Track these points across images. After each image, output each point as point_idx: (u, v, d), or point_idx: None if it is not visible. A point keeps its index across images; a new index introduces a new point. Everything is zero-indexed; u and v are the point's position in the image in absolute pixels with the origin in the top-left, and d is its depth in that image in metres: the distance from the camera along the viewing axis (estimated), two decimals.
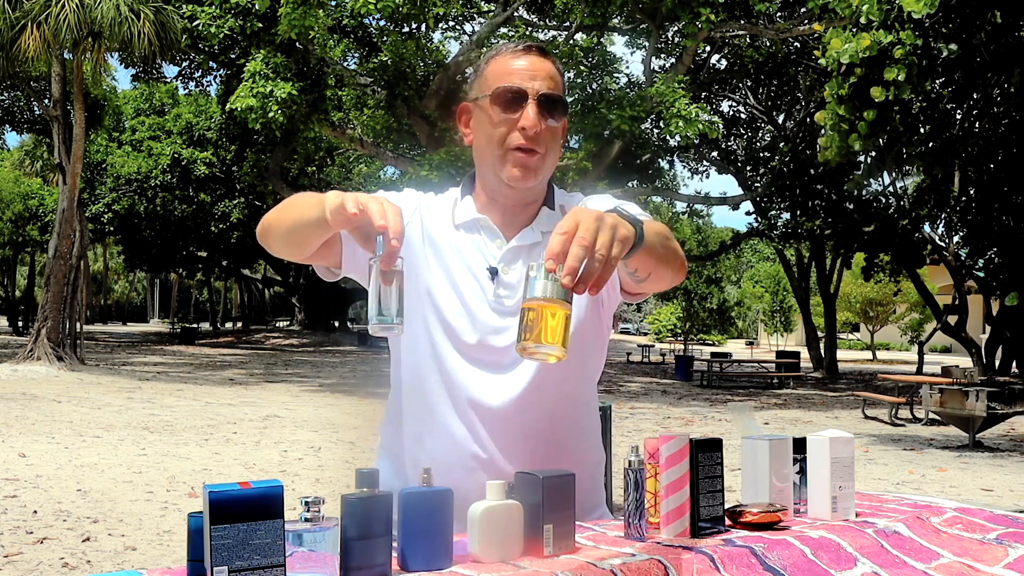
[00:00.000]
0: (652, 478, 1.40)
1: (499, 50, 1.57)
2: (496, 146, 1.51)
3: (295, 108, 15.60)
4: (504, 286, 1.54)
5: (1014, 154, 14.81)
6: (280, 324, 49.54)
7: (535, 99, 1.50)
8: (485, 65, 1.57)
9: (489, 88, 1.53)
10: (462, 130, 1.61)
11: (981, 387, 10.41)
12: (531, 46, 1.56)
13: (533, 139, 1.50)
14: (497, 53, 1.57)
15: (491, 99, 1.51)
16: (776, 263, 39.44)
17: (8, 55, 16.81)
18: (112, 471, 7.21)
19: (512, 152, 1.51)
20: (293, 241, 1.48)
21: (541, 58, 1.55)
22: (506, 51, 1.56)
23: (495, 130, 1.51)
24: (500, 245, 1.56)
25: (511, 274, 1.55)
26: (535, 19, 18.94)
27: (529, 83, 1.51)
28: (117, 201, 30.70)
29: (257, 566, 1.03)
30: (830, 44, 9.41)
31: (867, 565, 1.37)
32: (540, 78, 1.52)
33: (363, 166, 32.79)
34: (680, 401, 15.82)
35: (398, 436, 1.61)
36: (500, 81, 1.52)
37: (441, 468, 1.42)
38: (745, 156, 24.47)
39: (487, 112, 1.53)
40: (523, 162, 1.51)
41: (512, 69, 1.52)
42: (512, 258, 1.56)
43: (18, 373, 16.34)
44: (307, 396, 14.45)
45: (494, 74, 1.54)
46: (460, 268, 1.55)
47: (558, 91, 1.54)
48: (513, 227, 1.58)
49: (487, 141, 1.53)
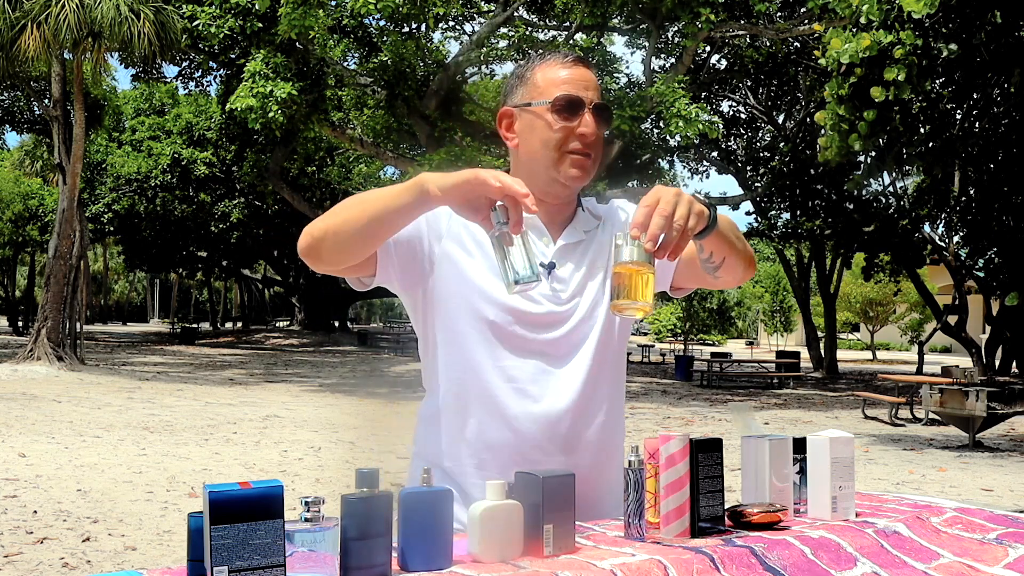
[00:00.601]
0: (652, 478, 1.40)
1: (545, 59, 1.66)
2: (554, 150, 1.60)
3: (295, 108, 15.60)
4: (558, 280, 1.62)
5: (1014, 154, 14.82)
6: (280, 324, 49.53)
7: (591, 108, 1.61)
8: (531, 73, 1.66)
9: (543, 95, 1.62)
10: (504, 134, 1.69)
11: (981, 387, 10.41)
12: (578, 57, 1.66)
13: (591, 144, 1.61)
14: (544, 62, 1.66)
15: (551, 106, 1.60)
16: (776, 263, 39.43)
17: (8, 55, 16.81)
18: (112, 471, 7.21)
19: (570, 155, 1.61)
20: (361, 241, 1.48)
21: (588, 69, 1.66)
22: (554, 61, 1.65)
23: (553, 135, 1.60)
24: (547, 243, 1.65)
25: (562, 269, 1.64)
26: (535, 19, 18.93)
27: (584, 92, 1.61)
28: (117, 201, 30.70)
29: (257, 566, 1.03)
30: (830, 44, 9.41)
31: (867, 565, 1.37)
32: (592, 88, 1.63)
33: (363, 166, 32.78)
34: (680, 401, 15.82)
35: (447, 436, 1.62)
36: (556, 89, 1.61)
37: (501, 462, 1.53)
38: (745, 156, 24.47)
39: (543, 118, 1.61)
40: (581, 164, 1.61)
41: (566, 78, 1.62)
42: (562, 256, 1.65)
43: (18, 373, 16.35)
44: (307, 396, 14.45)
45: (547, 82, 1.63)
46: None
47: (604, 101, 1.65)
48: (555, 226, 1.67)
49: (543, 145, 1.61)
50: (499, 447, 1.56)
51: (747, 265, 1.60)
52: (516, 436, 1.56)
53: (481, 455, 1.57)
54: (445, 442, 1.62)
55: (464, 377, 1.60)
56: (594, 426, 1.60)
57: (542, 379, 1.57)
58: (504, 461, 1.54)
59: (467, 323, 1.59)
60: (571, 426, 1.57)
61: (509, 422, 1.56)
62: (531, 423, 1.56)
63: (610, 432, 1.64)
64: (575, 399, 1.58)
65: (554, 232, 1.66)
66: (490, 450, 1.57)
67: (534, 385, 1.57)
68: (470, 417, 1.59)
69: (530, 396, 1.56)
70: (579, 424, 1.59)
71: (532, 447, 1.55)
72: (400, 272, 1.59)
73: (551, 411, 1.56)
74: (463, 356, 1.60)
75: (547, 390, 1.57)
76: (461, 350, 1.60)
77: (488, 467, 1.56)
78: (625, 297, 1.30)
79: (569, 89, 1.60)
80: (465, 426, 1.59)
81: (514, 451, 1.55)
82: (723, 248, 1.50)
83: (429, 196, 1.39)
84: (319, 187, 31.27)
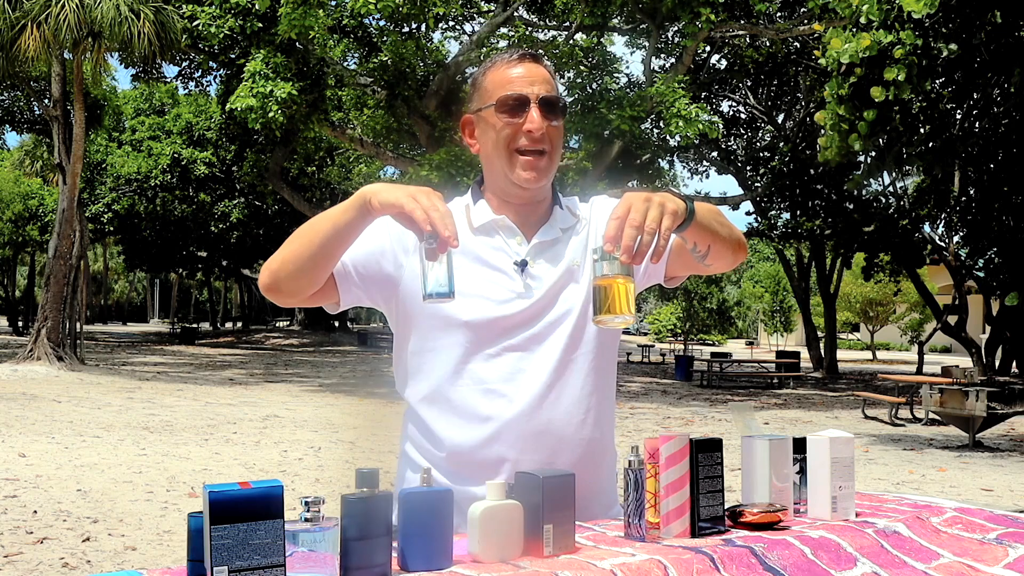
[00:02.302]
0: (652, 478, 1.40)
1: (494, 62, 1.66)
2: (504, 151, 1.60)
3: (295, 108, 15.60)
4: (531, 277, 1.61)
5: (1014, 154, 14.81)
6: (280, 324, 49.52)
7: (536, 103, 1.59)
8: (482, 77, 1.66)
9: (491, 98, 1.61)
10: (467, 140, 1.70)
11: (981, 387, 10.41)
12: (524, 54, 1.64)
13: (539, 140, 1.59)
14: (492, 65, 1.65)
15: (495, 108, 1.60)
16: (776, 263, 39.45)
17: (8, 55, 16.80)
18: (112, 471, 7.21)
19: (520, 156, 1.60)
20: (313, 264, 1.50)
21: (536, 64, 1.64)
22: (500, 62, 1.65)
23: (501, 136, 1.60)
24: (520, 242, 1.64)
25: (536, 267, 1.62)
26: (535, 19, 18.93)
27: (528, 88, 1.60)
28: (117, 201, 30.69)
29: (257, 566, 1.03)
30: (830, 44, 9.41)
31: (867, 565, 1.37)
32: (538, 83, 1.61)
33: (363, 166, 32.76)
34: (680, 401, 15.82)
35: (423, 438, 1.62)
36: (501, 90, 1.60)
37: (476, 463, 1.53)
38: (745, 156, 24.47)
39: (491, 120, 1.61)
40: (532, 165, 1.60)
41: (511, 77, 1.61)
42: (536, 253, 1.63)
43: (18, 373, 16.35)
44: (307, 396, 14.45)
45: (494, 84, 1.62)
46: (484, 267, 1.61)
47: (555, 93, 1.62)
48: (529, 225, 1.66)
49: (494, 148, 1.61)
50: (471, 448, 1.55)
51: (735, 249, 1.60)
52: (490, 437, 1.55)
53: (456, 457, 1.56)
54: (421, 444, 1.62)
55: (438, 380, 1.59)
56: (575, 425, 1.58)
57: (516, 378, 1.56)
58: (479, 462, 1.54)
59: (440, 328, 1.59)
60: (547, 425, 1.56)
61: (483, 423, 1.55)
62: (504, 423, 1.54)
63: (596, 431, 1.62)
64: (550, 397, 1.57)
65: (528, 231, 1.65)
66: (462, 452, 1.56)
67: (508, 384, 1.56)
68: (443, 419, 1.58)
69: (504, 396, 1.55)
70: (557, 423, 1.57)
71: (508, 447, 1.54)
72: (366, 289, 1.60)
73: (524, 410, 1.55)
74: (437, 359, 1.59)
75: (520, 389, 1.56)
76: (434, 354, 1.60)
77: (463, 471, 1.55)
78: (606, 311, 1.32)
79: (513, 88, 1.60)
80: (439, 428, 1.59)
81: (489, 452, 1.54)
82: (706, 237, 1.50)
83: (371, 209, 1.40)
84: (319, 187, 31.28)
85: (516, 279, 1.60)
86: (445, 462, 1.58)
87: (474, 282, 1.58)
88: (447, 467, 1.57)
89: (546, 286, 1.60)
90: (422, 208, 1.33)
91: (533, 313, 1.59)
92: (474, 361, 1.57)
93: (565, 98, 1.68)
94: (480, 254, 1.62)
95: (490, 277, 1.60)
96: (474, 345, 1.57)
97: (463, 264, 1.58)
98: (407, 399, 1.66)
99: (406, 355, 1.65)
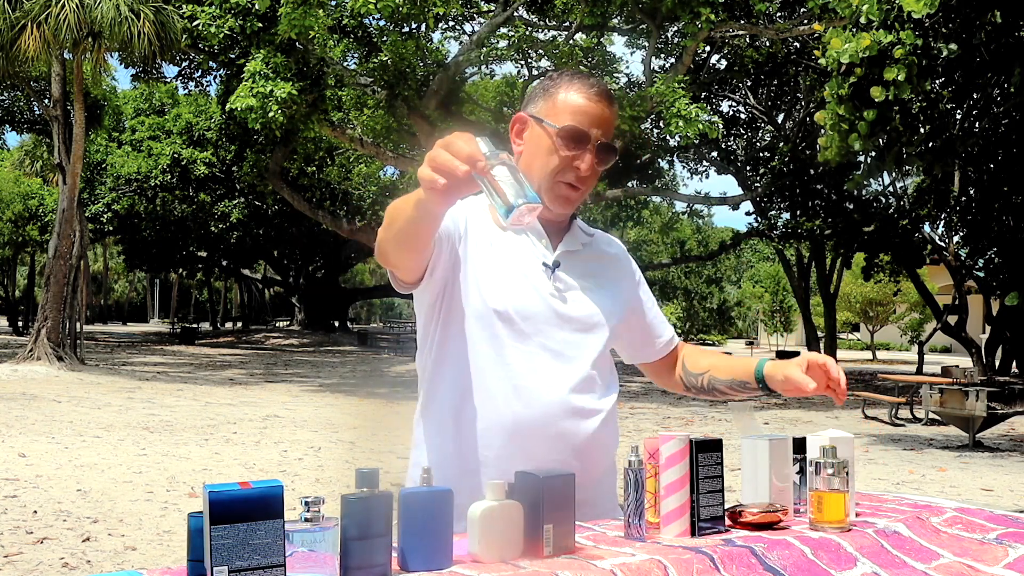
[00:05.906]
0: (652, 478, 1.41)
1: (572, 80, 1.66)
2: (549, 174, 1.63)
3: (295, 108, 15.59)
4: (560, 280, 1.66)
5: (1014, 154, 14.82)
6: (280, 324, 49.48)
7: (594, 146, 1.62)
8: (555, 88, 1.66)
9: (557, 118, 1.63)
10: (512, 138, 1.70)
11: (981, 387, 10.41)
12: (604, 91, 1.66)
13: (584, 180, 1.64)
14: (571, 82, 1.66)
15: (558, 132, 1.62)
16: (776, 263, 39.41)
17: (8, 55, 16.80)
18: (112, 471, 7.21)
19: (561, 184, 1.64)
20: (405, 243, 1.48)
21: (608, 106, 1.66)
22: (580, 84, 1.65)
23: (551, 159, 1.62)
24: (547, 245, 1.68)
25: (564, 272, 1.68)
26: (535, 19, 18.92)
27: (593, 128, 1.63)
28: (117, 201, 30.67)
29: (257, 566, 1.04)
30: (830, 44, 9.40)
31: (867, 565, 1.37)
32: (603, 125, 1.64)
33: (363, 166, 32.73)
34: (680, 401, 15.82)
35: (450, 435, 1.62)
36: (569, 117, 1.62)
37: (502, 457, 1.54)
38: (745, 156, 24.46)
39: (548, 140, 1.63)
40: (567, 199, 1.66)
41: (584, 109, 1.63)
42: (564, 260, 1.69)
43: (18, 373, 16.34)
44: (307, 396, 14.45)
45: (565, 105, 1.63)
46: (515, 263, 1.64)
47: (612, 139, 1.67)
48: (552, 231, 1.71)
49: (541, 166, 1.64)
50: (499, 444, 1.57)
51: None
52: (515, 433, 1.56)
53: (482, 452, 1.58)
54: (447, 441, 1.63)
55: (466, 374, 1.61)
56: (592, 425, 1.61)
57: (542, 374, 1.59)
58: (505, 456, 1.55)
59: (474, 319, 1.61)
60: (571, 424, 1.58)
61: (509, 418, 1.57)
62: (529, 420, 1.56)
63: (608, 431, 1.66)
64: (574, 397, 1.60)
65: (553, 239, 1.69)
66: (490, 447, 1.57)
67: (533, 377, 1.58)
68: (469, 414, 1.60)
69: (530, 391, 1.58)
70: (577, 422, 1.59)
71: (532, 444, 1.56)
72: (443, 266, 1.59)
73: (550, 408, 1.57)
74: (467, 352, 1.61)
75: (545, 385, 1.58)
76: (466, 345, 1.62)
77: (489, 463, 1.56)
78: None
79: (580, 121, 1.61)
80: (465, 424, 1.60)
81: (513, 447, 1.56)
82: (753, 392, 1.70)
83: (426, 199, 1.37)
84: (319, 187, 31.23)
85: (547, 280, 1.64)
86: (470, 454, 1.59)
87: (511, 272, 1.62)
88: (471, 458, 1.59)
89: (577, 291, 1.66)
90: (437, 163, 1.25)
91: (564, 314, 1.63)
92: (502, 354, 1.59)
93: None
94: (514, 247, 1.65)
95: (523, 271, 1.64)
96: (504, 336, 1.60)
97: (497, 256, 1.63)
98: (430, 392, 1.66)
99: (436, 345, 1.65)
